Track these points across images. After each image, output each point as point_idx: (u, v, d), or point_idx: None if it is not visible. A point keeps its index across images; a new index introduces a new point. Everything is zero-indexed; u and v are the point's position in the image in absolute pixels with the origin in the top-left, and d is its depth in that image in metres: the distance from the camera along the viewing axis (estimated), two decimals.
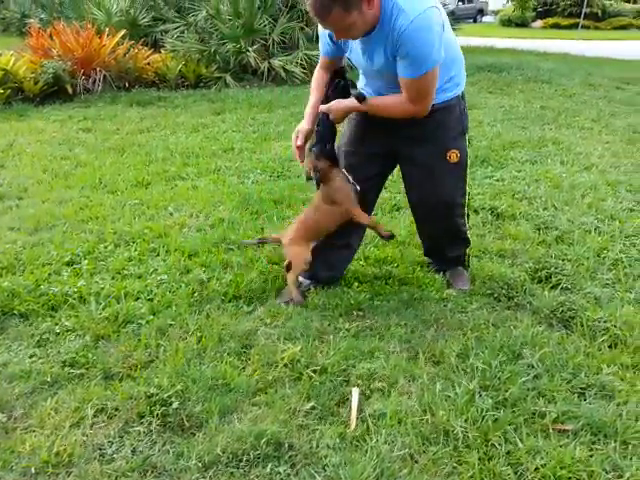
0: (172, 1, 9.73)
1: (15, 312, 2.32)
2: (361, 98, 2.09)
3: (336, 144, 2.29)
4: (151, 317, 2.28)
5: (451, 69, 2.07)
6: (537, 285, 2.54)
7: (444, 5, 12.52)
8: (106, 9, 9.88)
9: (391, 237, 2.39)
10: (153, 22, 9.59)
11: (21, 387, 1.89)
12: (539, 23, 27.32)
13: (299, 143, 2.19)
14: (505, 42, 15.34)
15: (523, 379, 1.89)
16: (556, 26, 25.96)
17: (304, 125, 2.20)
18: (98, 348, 2.10)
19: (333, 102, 2.13)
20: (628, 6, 26.69)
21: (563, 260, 2.73)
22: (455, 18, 14.85)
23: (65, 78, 6.98)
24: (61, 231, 3.10)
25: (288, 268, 2.38)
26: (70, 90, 7.03)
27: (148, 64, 8.03)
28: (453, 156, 2.17)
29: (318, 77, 2.26)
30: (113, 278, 2.60)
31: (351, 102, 2.11)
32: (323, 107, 2.15)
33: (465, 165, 2.27)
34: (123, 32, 8.10)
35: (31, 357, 2.06)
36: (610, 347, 2.09)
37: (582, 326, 2.20)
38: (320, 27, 2.06)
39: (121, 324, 2.23)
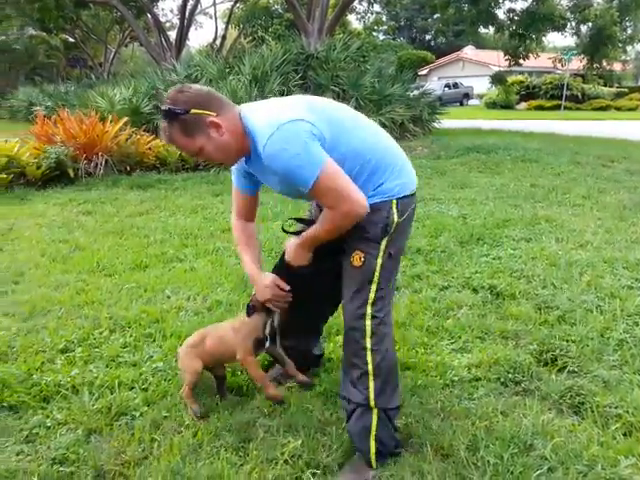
0: None
1: (5, 404, 2.23)
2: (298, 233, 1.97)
3: None
4: (145, 408, 2.19)
5: (378, 177, 1.81)
6: (543, 368, 2.48)
7: (431, 92, 13.24)
8: (109, 98, 10.38)
9: (280, 402, 2.17)
10: (155, 110, 10.01)
11: None
12: (523, 105, 28.80)
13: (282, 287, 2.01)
14: (492, 123, 16.04)
15: (537, 473, 1.79)
16: (540, 107, 27.34)
17: (267, 276, 2.03)
18: (90, 443, 1.99)
19: (286, 247, 1.99)
20: (605, 89, 28.23)
21: (567, 341, 2.68)
22: (442, 103, 15.63)
23: (67, 163, 7.17)
24: (56, 317, 3.05)
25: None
26: (72, 174, 7.20)
27: (149, 149, 8.30)
28: (356, 258, 1.83)
29: (237, 225, 2.11)
30: (107, 366, 2.53)
31: (302, 238, 1.93)
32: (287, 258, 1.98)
33: (370, 280, 1.83)
34: (125, 119, 8.44)
35: (18, 454, 1.95)
36: (625, 435, 2.01)
37: (593, 412, 2.12)
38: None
39: (114, 416, 2.14)
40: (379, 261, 1.83)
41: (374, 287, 1.84)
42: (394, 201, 1.82)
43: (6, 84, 26.97)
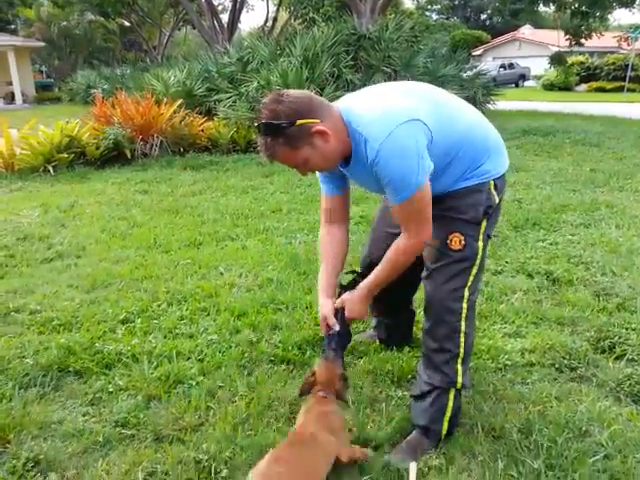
0: (225, 73, 10.35)
1: (70, 369, 2.37)
2: (356, 282, 1.87)
3: None
4: (201, 378, 2.27)
5: (478, 159, 1.75)
6: (601, 355, 2.41)
7: (485, 73, 12.83)
8: (164, 81, 10.60)
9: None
10: (207, 92, 10.18)
11: (74, 446, 1.89)
12: (583, 87, 27.44)
13: (330, 325, 1.87)
14: (549, 106, 15.41)
15: (593, 459, 1.75)
16: (601, 89, 25.97)
17: (324, 305, 1.89)
18: (149, 409, 2.09)
19: (344, 297, 1.86)
20: None
21: (627, 329, 2.59)
22: (497, 84, 15.12)
23: (124, 143, 7.42)
24: (117, 289, 3.20)
25: None
26: (129, 154, 7.45)
27: (202, 131, 8.47)
28: (456, 241, 1.76)
29: (324, 236, 1.97)
30: (165, 337, 2.63)
31: (360, 291, 1.84)
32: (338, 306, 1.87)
33: (471, 263, 1.78)
34: (180, 102, 8.62)
35: (84, 416, 2.08)
36: None
37: None
38: None
39: (172, 384, 2.23)
40: (480, 244, 1.78)
41: (474, 270, 1.79)
42: (492, 182, 1.76)
43: (67, 68, 28.00)
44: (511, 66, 31.67)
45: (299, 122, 1.54)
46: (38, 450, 1.85)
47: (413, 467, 1.73)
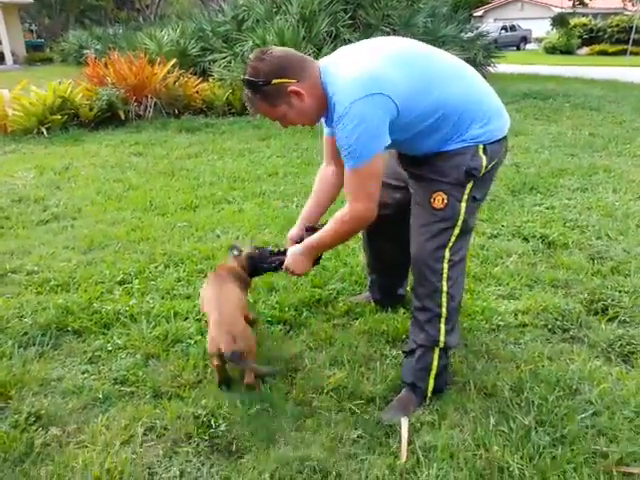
0: (220, 32, 10.10)
1: (69, 329, 2.39)
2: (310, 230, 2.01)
3: None
4: (199, 337, 2.29)
5: (464, 126, 1.74)
6: (593, 317, 2.44)
7: (486, 34, 12.55)
8: (157, 40, 10.35)
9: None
10: (202, 52, 9.95)
11: (74, 402, 1.93)
12: (585, 50, 26.92)
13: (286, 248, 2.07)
14: (550, 69, 15.17)
15: (582, 416, 1.80)
16: (603, 53, 25.49)
17: (292, 230, 2.13)
18: (148, 366, 2.13)
19: (292, 249, 1.99)
20: None
21: (620, 292, 2.62)
22: (498, 46, 14.82)
23: (118, 105, 7.29)
24: (113, 251, 3.20)
25: None
26: (123, 116, 7.33)
27: (197, 92, 8.31)
28: (438, 199, 1.78)
29: (318, 173, 2.15)
30: (163, 298, 2.65)
31: (302, 246, 1.96)
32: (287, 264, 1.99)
33: (453, 224, 1.79)
34: (173, 61, 8.43)
35: (83, 373, 2.11)
36: None
37: None
38: None
39: (170, 343, 2.26)
40: (463, 205, 1.79)
41: (456, 231, 1.80)
42: (480, 146, 1.75)
43: (57, 27, 27.24)
44: (513, 28, 31.00)
45: (275, 81, 1.67)
46: (39, 406, 1.89)
47: (404, 422, 1.77)
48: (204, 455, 1.70)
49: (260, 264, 2.17)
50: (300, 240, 2.02)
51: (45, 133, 6.63)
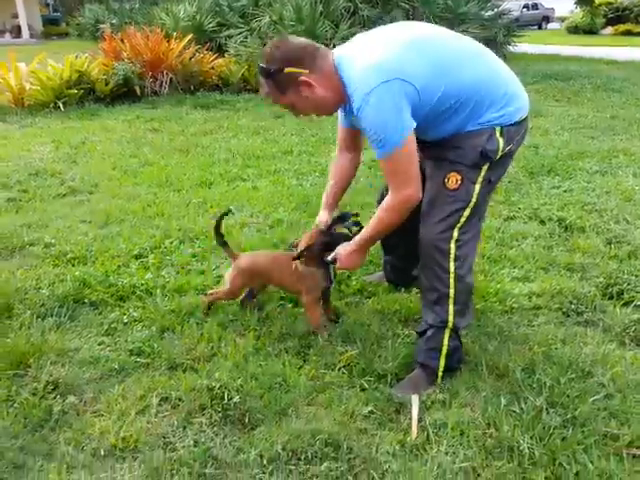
0: (237, 7, 9.99)
1: (86, 301, 2.43)
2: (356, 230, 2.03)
3: None
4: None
5: (482, 109, 1.74)
6: (609, 301, 2.42)
7: (508, 12, 12.25)
8: (174, 14, 10.28)
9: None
10: (218, 27, 9.87)
11: (91, 372, 1.97)
12: (609, 30, 26.12)
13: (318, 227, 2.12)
14: (572, 50, 14.80)
15: (593, 398, 1.80)
16: (628, 33, 24.73)
17: (321, 215, 2.14)
18: (163, 339, 2.16)
19: (339, 249, 1.98)
20: None
21: (636, 276, 2.59)
22: (519, 25, 14.49)
23: (134, 80, 7.29)
24: (129, 226, 3.23)
25: None
26: (138, 91, 7.34)
27: (212, 68, 8.27)
28: (452, 180, 1.78)
29: (333, 159, 2.19)
30: (178, 273, 2.68)
31: (351, 245, 1.96)
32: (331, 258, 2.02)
33: (465, 205, 1.79)
34: (189, 37, 8.37)
35: (100, 345, 2.15)
36: None
37: None
38: None
39: (185, 317, 2.29)
40: (477, 186, 1.78)
41: (467, 212, 1.79)
42: (497, 128, 1.74)
43: (74, 1, 27.10)
44: (535, 7, 30.21)
45: (287, 70, 1.70)
46: (57, 375, 1.93)
47: (415, 400, 1.79)
48: (217, 426, 1.73)
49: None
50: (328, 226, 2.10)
51: (62, 107, 6.66)
